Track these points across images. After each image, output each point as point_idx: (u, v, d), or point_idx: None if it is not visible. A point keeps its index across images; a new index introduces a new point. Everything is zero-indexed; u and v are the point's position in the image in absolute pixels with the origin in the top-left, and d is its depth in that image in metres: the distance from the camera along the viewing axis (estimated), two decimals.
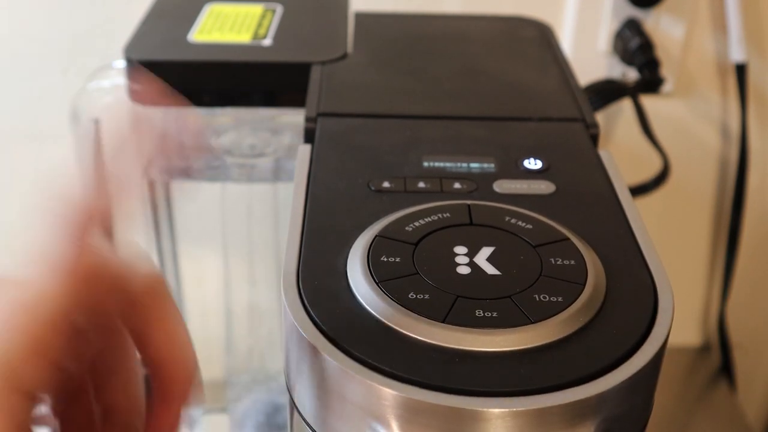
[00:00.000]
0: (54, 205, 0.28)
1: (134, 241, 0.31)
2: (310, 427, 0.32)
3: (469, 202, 0.36)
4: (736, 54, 0.72)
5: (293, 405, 0.33)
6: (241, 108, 0.53)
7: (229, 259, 0.65)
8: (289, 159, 0.55)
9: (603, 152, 0.42)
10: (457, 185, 0.38)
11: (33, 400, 0.27)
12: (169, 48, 0.52)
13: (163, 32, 0.54)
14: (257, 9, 0.57)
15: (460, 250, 0.33)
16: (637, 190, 0.70)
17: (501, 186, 0.38)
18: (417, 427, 0.28)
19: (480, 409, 0.28)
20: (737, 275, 0.82)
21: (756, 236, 0.82)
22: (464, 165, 0.40)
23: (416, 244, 0.33)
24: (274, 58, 0.51)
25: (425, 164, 0.40)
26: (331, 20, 0.56)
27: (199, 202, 0.66)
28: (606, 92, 0.70)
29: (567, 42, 0.72)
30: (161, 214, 0.60)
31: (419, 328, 0.29)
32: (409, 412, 0.28)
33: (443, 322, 0.30)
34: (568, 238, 0.34)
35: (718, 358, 0.86)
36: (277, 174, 0.56)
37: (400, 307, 0.30)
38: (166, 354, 0.32)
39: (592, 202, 0.38)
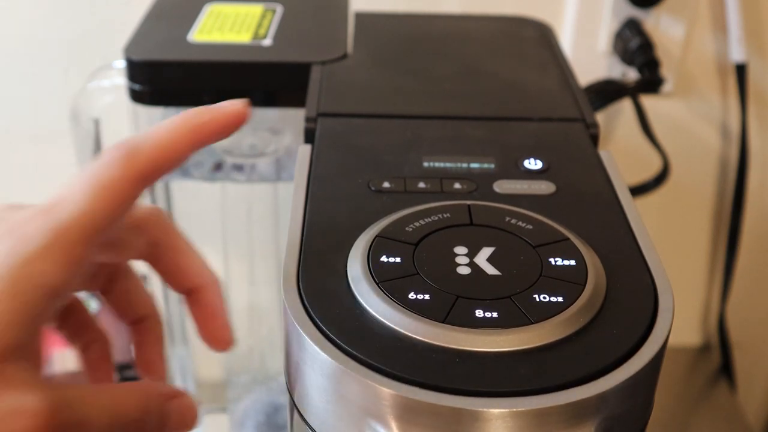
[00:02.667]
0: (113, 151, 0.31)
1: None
2: (310, 427, 0.32)
3: (469, 202, 0.36)
4: (736, 54, 0.72)
5: (293, 405, 0.33)
6: None
7: (229, 259, 0.65)
8: (289, 159, 0.55)
9: (603, 152, 0.42)
10: (457, 185, 0.38)
11: (52, 296, 0.28)
12: (169, 48, 0.52)
13: (163, 32, 0.54)
14: (257, 9, 0.57)
15: (461, 250, 0.33)
16: (637, 190, 0.70)
17: (501, 186, 0.38)
18: (417, 427, 0.28)
19: (480, 409, 0.28)
20: (737, 275, 0.82)
21: (756, 236, 0.82)
22: (464, 165, 0.40)
23: (416, 245, 0.33)
24: (274, 58, 0.51)
25: (425, 164, 0.40)
26: (331, 20, 0.56)
27: (199, 202, 0.66)
28: (606, 92, 0.70)
29: (567, 42, 0.72)
30: None
31: (419, 328, 0.29)
32: (409, 413, 0.28)
33: (443, 322, 0.30)
34: (568, 239, 0.34)
35: (718, 358, 0.86)
36: (277, 174, 0.56)
37: (400, 307, 0.30)
38: (198, 268, 0.35)
39: (592, 203, 0.38)
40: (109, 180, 0.30)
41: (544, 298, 0.31)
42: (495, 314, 0.30)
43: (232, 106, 0.33)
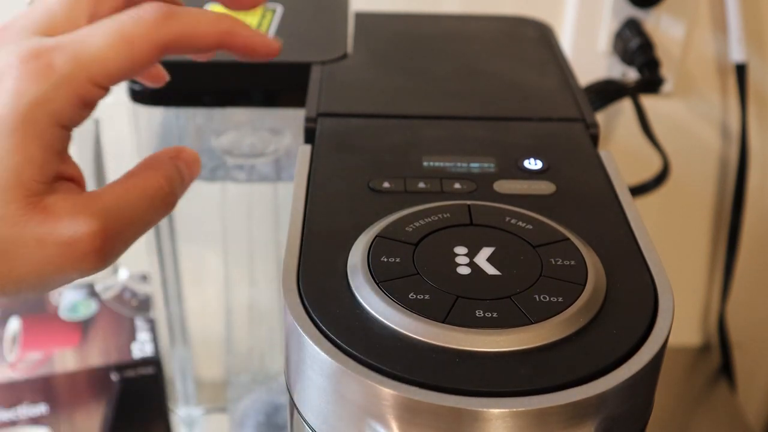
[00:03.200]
0: None
1: None
2: (310, 427, 0.32)
3: (469, 202, 0.36)
4: (736, 54, 0.72)
5: (293, 405, 0.33)
6: (241, 108, 0.53)
7: (229, 259, 0.65)
8: (289, 159, 0.55)
9: (603, 152, 0.42)
10: (457, 185, 0.38)
11: (68, 125, 0.31)
12: None
13: None
14: (257, 9, 0.57)
15: (461, 250, 0.33)
16: (637, 190, 0.70)
17: (501, 186, 0.38)
18: (417, 427, 0.28)
19: (480, 409, 0.28)
20: (737, 275, 0.82)
21: (756, 236, 0.82)
22: (464, 165, 0.40)
23: (416, 245, 0.33)
24: (274, 58, 0.51)
25: (425, 164, 0.40)
26: (331, 20, 0.56)
27: (199, 202, 0.66)
28: (606, 92, 0.70)
29: (567, 42, 0.72)
30: None
31: (419, 328, 0.29)
32: (409, 413, 0.28)
33: (443, 322, 0.30)
34: (568, 239, 0.34)
35: (718, 358, 0.86)
36: (277, 174, 0.56)
37: (400, 307, 0.30)
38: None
39: (592, 203, 0.38)
40: (134, 37, 0.31)
41: (544, 298, 0.31)
42: (495, 314, 0.30)
43: (268, 41, 0.35)
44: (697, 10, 0.71)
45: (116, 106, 0.55)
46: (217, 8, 0.57)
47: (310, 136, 0.43)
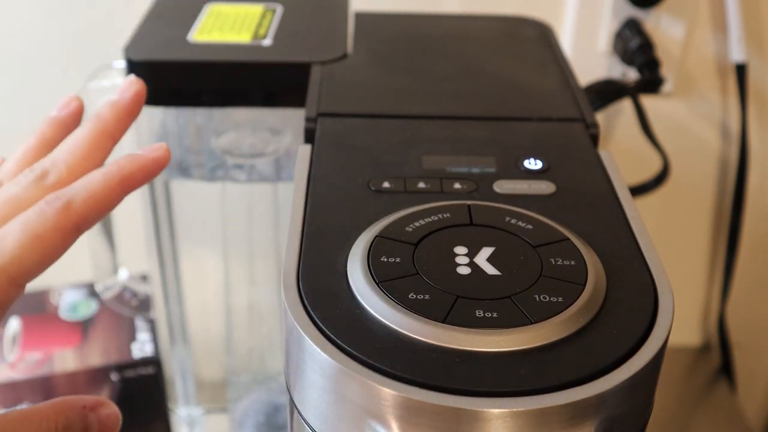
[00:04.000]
0: None
1: None
2: (310, 427, 0.32)
3: (469, 202, 0.36)
4: (736, 54, 0.72)
5: (293, 405, 0.33)
6: (241, 108, 0.53)
7: (229, 259, 0.65)
8: (289, 159, 0.55)
9: (603, 152, 0.42)
10: (457, 185, 0.38)
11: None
12: (169, 48, 0.52)
13: (163, 32, 0.54)
14: (257, 9, 0.57)
15: (461, 250, 0.33)
16: (637, 190, 0.70)
17: (501, 186, 0.38)
18: (417, 427, 0.28)
19: (480, 409, 0.28)
20: (737, 275, 0.82)
21: (756, 236, 0.82)
22: (464, 165, 0.40)
23: (416, 245, 0.33)
24: (274, 58, 0.51)
25: (425, 164, 0.40)
26: (331, 20, 0.56)
27: (199, 202, 0.66)
28: (606, 92, 0.70)
29: (567, 42, 0.72)
30: (161, 214, 0.60)
31: (419, 328, 0.29)
32: (409, 413, 0.28)
33: (443, 322, 0.30)
34: (568, 239, 0.34)
35: (718, 358, 0.86)
36: (277, 174, 0.56)
37: (400, 307, 0.30)
38: None
39: (592, 203, 0.38)
40: (42, 231, 0.32)
41: (544, 298, 0.31)
42: (495, 314, 0.30)
43: (154, 152, 0.36)
44: (697, 10, 0.71)
45: None
46: (217, 8, 0.57)
47: (310, 136, 0.43)
